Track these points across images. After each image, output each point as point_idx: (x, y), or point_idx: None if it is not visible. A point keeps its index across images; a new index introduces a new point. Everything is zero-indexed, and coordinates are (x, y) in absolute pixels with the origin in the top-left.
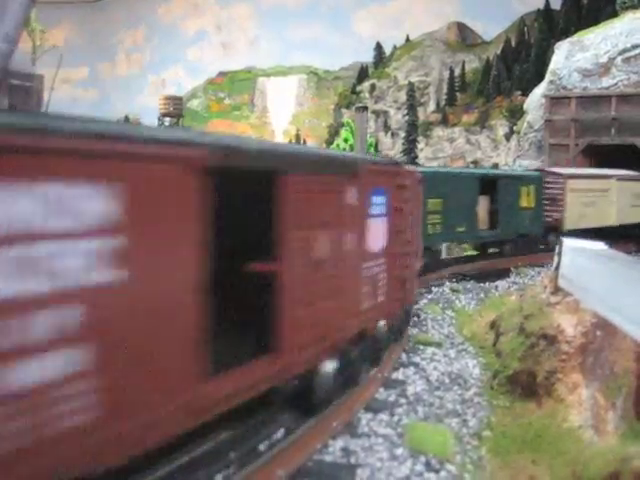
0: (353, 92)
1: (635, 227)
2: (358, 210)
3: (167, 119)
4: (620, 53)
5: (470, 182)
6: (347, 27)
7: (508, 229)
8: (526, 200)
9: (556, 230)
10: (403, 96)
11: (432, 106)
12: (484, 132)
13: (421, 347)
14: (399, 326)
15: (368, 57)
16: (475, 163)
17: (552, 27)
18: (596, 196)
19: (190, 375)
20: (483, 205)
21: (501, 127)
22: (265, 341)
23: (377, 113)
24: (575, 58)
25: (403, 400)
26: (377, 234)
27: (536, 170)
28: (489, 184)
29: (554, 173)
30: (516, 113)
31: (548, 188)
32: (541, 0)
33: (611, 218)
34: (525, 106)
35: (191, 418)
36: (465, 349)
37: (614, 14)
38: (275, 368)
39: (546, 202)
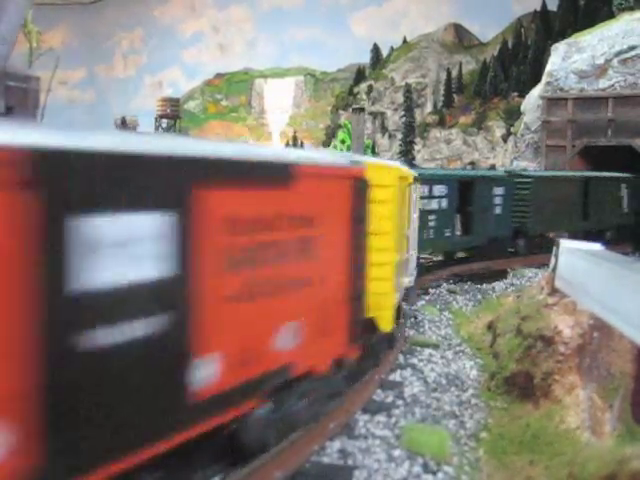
0: (350, 94)
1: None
2: None
3: (164, 121)
4: (616, 54)
5: None
6: (344, 29)
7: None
8: None
9: None
10: (400, 97)
11: (429, 107)
12: (481, 133)
13: (418, 349)
14: None
15: (365, 59)
16: (472, 164)
17: (549, 28)
18: None
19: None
20: None
21: (498, 128)
22: None
23: (374, 114)
24: (572, 59)
25: (400, 402)
26: None
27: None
28: None
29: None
30: (513, 114)
31: None
32: (538, 1)
33: None
34: (522, 107)
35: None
36: (462, 350)
37: (610, 15)
38: None
39: None
